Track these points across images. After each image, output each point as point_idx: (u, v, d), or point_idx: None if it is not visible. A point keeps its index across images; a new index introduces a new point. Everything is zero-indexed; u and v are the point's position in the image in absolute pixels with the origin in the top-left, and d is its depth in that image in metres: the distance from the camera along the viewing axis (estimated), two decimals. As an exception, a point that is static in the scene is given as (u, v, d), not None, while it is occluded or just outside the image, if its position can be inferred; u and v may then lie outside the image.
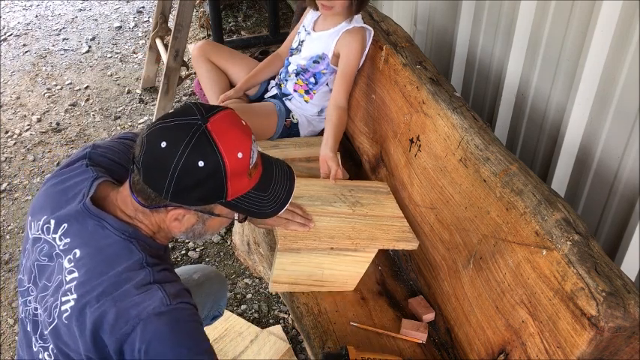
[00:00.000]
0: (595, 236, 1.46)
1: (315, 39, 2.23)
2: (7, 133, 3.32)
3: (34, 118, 3.43)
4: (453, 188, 1.68)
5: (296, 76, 2.29)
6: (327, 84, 2.25)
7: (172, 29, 3.08)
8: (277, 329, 2.28)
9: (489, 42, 2.34)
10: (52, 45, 4.10)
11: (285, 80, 2.33)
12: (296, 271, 1.67)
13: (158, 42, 3.40)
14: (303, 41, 2.27)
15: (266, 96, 2.43)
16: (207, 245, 2.68)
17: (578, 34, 1.91)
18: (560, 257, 1.30)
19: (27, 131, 3.33)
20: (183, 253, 2.64)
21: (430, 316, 1.71)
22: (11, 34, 4.20)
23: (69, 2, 4.61)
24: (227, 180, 1.18)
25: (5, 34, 4.20)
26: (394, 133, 1.98)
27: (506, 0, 2.18)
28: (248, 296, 2.46)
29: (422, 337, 1.65)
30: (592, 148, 1.94)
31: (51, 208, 1.26)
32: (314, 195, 1.78)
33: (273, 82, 2.44)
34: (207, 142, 1.15)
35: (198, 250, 2.65)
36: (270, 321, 2.36)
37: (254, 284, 2.51)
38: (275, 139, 2.30)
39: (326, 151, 1.96)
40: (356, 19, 2.14)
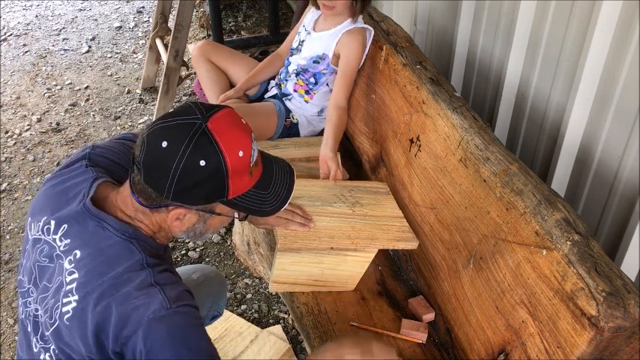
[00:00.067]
0: (595, 236, 1.46)
1: (315, 39, 2.23)
2: (7, 133, 3.32)
3: (34, 118, 3.43)
4: (453, 188, 1.68)
5: (296, 76, 2.28)
6: (327, 84, 2.25)
7: (172, 29, 3.08)
8: (277, 329, 2.28)
9: (489, 42, 2.34)
10: (52, 45, 4.10)
11: (285, 80, 2.33)
12: (296, 271, 1.67)
13: (158, 42, 3.40)
14: (303, 41, 2.27)
15: (266, 96, 2.43)
16: (207, 245, 2.68)
17: (578, 34, 1.91)
18: (560, 257, 1.30)
19: (27, 131, 3.33)
20: (183, 253, 2.64)
21: (430, 316, 1.71)
22: (11, 34, 4.20)
23: (69, 2, 4.61)
24: (228, 179, 1.18)
25: (5, 34, 4.20)
26: (394, 133, 1.98)
27: (506, 0, 2.18)
28: (248, 296, 2.46)
29: (422, 337, 1.65)
30: (592, 148, 1.94)
31: (51, 209, 1.26)
32: (314, 195, 1.78)
33: (273, 82, 2.44)
34: (208, 141, 1.15)
35: (198, 250, 2.65)
36: (270, 321, 2.36)
37: (254, 284, 2.51)
38: (275, 139, 2.30)
39: (326, 151, 1.96)
40: (358, 18, 2.14)
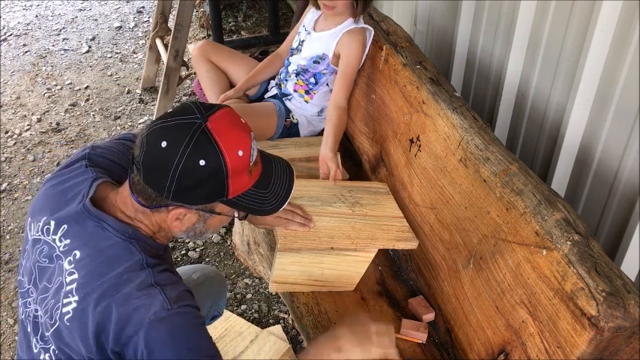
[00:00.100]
0: (595, 236, 1.46)
1: (315, 39, 2.23)
2: (7, 133, 3.32)
3: (34, 118, 3.43)
4: (453, 188, 1.68)
5: (296, 76, 2.28)
6: (327, 84, 2.25)
7: (172, 29, 3.08)
8: (277, 329, 2.28)
9: (489, 42, 2.34)
10: (52, 45, 4.10)
11: (285, 80, 2.33)
12: (296, 271, 1.67)
13: (158, 42, 3.40)
14: (303, 41, 2.27)
15: (266, 96, 2.43)
16: (207, 245, 2.68)
17: (578, 34, 1.91)
18: (560, 257, 1.30)
19: (27, 131, 3.33)
20: (183, 253, 2.64)
21: (430, 316, 1.71)
22: (11, 34, 4.20)
23: (69, 2, 4.61)
24: (228, 178, 1.18)
25: (5, 34, 4.20)
26: (394, 133, 1.98)
27: (506, 0, 2.18)
28: (248, 296, 2.46)
29: (422, 337, 1.65)
30: (592, 148, 1.94)
31: (50, 209, 1.26)
32: (314, 195, 1.78)
33: (273, 82, 2.44)
34: (208, 141, 1.15)
35: (198, 250, 2.65)
36: (270, 321, 2.36)
37: (254, 284, 2.50)
38: (275, 139, 2.30)
39: (326, 152, 1.96)
40: (359, 19, 2.14)
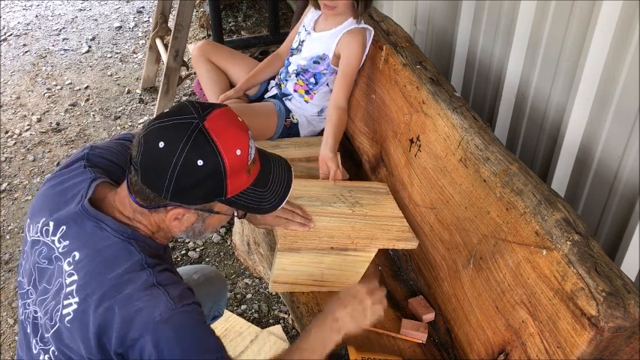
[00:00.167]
0: (595, 236, 1.46)
1: (315, 39, 2.23)
2: (7, 133, 3.32)
3: (34, 118, 3.43)
4: (453, 188, 1.68)
5: (296, 76, 2.28)
6: (328, 84, 2.25)
7: (172, 29, 3.08)
8: (277, 329, 2.28)
9: (489, 42, 2.34)
10: (52, 45, 4.10)
11: (286, 80, 2.33)
12: (296, 271, 1.67)
13: (158, 42, 3.40)
14: (303, 41, 2.27)
15: (266, 96, 2.43)
16: (207, 245, 2.68)
17: (578, 34, 1.91)
18: (560, 257, 1.30)
19: (27, 131, 3.33)
20: (183, 253, 2.64)
21: (430, 316, 1.71)
22: (11, 34, 4.20)
23: (69, 2, 4.61)
24: (226, 178, 1.17)
25: (5, 34, 4.20)
26: (394, 133, 1.98)
27: (506, 0, 2.18)
28: (248, 296, 2.46)
29: (422, 337, 1.65)
30: (592, 148, 1.94)
31: (49, 210, 1.26)
32: (313, 195, 1.78)
33: (273, 82, 2.44)
34: (206, 140, 1.14)
35: (198, 250, 2.65)
36: (270, 321, 2.36)
37: (254, 284, 2.50)
38: (275, 139, 2.30)
39: (325, 152, 1.96)
40: (360, 20, 2.14)
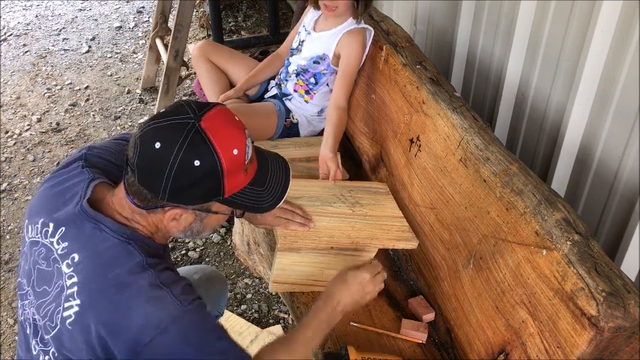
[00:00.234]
0: (595, 236, 1.46)
1: (315, 39, 2.23)
2: (7, 133, 3.32)
3: (34, 118, 3.43)
4: (453, 188, 1.68)
5: (296, 76, 2.28)
6: (328, 84, 2.25)
7: (172, 29, 3.08)
8: (277, 329, 2.28)
9: (489, 42, 2.34)
10: (52, 45, 4.10)
11: (286, 80, 2.33)
12: (296, 271, 1.67)
13: (158, 42, 3.40)
14: (303, 41, 2.27)
15: (266, 96, 2.43)
16: (207, 245, 2.68)
17: (578, 34, 1.91)
18: (560, 257, 1.30)
19: (27, 131, 3.33)
20: (183, 253, 2.64)
21: (430, 316, 1.71)
22: (11, 34, 4.20)
23: (69, 2, 4.61)
24: (223, 177, 1.17)
25: (5, 34, 4.20)
26: (394, 133, 1.98)
27: (506, 0, 2.18)
28: (248, 296, 2.46)
29: (422, 337, 1.65)
30: (592, 148, 1.94)
31: (48, 211, 1.26)
32: (313, 195, 1.78)
33: (273, 82, 2.44)
34: (202, 140, 1.14)
35: (198, 250, 2.65)
36: (270, 321, 2.36)
37: (254, 284, 2.50)
38: (275, 139, 2.30)
39: (325, 152, 1.96)
40: (360, 20, 2.14)
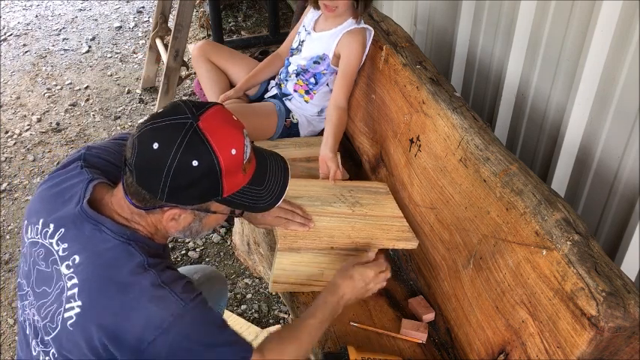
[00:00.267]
0: (595, 236, 1.46)
1: (315, 39, 2.23)
2: (7, 133, 3.32)
3: (34, 118, 3.43)
4: (453, 188, 1.68)
5: (296, 76, 2.28)
6: (328, 84, 2.25)
7: (172, 29, 3.08)
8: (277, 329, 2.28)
9: (489, 42, 2.34)
10: (52, 45, 4.10)
11: (286, 80, 2.33)
12: (296, 271, 1.67)
13: (158, 42, 3.40)
14: (303, 41, 2.27)
15: (266, 96, 2.43)
16: (207, 245, 2.68)
17: (578, 34, 1.91)
18: (560, 257, 1.30)
19: (27, 131, 3.33)
20: (183, 253, 2.64)
21: (430, 316, 1.71)
22: (11, 34, 4.20)
23: (69, 2, 4.61)
24: (222, 177, 1.17)
25: (5, 34, 4.20)
26: (394, 133, 1.98)
27: (506, 0, 2.18)
28: (248, 296, 2.46)
29: (422, 337, 1.65)
30: (592, 148, 1.94)
31: (47, 211, 1.25)
32: (313, 195, 1.78)
33: (273, 82, 2.44)
34: (200, 140, 1.14)
35: (198, 250, 2.65)
36: (270, 321, 2.36)
37: (254, 284, 2.51)
38: (275, 139, 2.30)
39: (325, 152, 1.96)
40: (360, 20, 2.14)
